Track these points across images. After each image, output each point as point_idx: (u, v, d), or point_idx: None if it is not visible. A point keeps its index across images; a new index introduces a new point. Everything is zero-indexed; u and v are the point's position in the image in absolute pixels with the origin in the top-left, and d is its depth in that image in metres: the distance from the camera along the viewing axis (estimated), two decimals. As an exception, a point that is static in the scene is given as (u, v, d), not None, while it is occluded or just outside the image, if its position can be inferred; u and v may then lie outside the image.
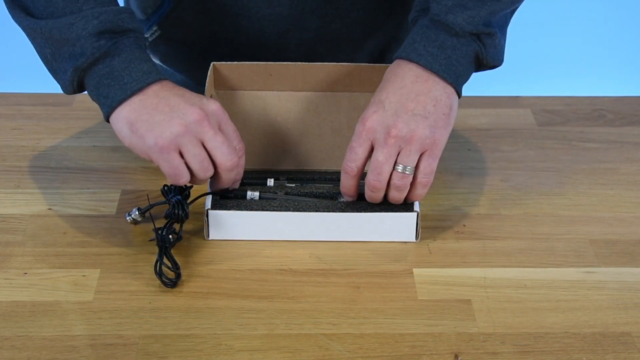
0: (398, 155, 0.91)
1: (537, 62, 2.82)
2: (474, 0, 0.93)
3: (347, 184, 0.94)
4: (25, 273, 0.91)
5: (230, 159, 0.90)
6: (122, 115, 0.89)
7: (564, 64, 2.80)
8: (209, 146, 0.89)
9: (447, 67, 0.92)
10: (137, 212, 0.96)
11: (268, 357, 0.82)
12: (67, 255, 0.94)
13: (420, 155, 0.91)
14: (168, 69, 1.20)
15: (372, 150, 0.92)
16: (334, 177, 1.01)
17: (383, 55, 1.20)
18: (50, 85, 1.03)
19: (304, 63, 1.00)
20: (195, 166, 0.89)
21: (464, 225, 0.99)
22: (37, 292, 0.89)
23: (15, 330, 0.84)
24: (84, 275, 0.91)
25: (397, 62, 0.94)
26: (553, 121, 1.18)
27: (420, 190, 0.93)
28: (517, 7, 0.98)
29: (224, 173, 0.91)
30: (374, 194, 0.93)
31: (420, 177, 0.92)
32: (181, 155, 0.89)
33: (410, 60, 0.92)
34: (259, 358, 0.82)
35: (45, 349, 0.82)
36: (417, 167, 0.91)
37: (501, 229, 0.99)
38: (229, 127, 0.91)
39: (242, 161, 0.94)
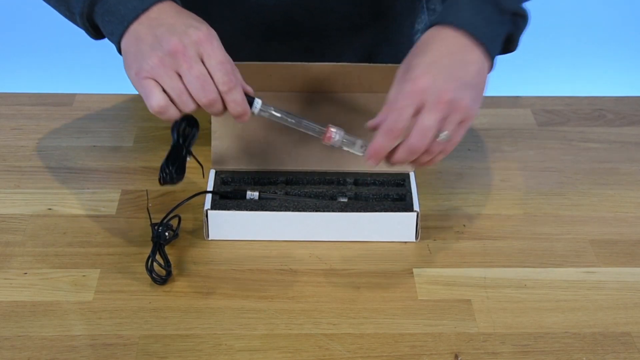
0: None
1: (537, 62, 2.82)
2: None
3: (386, 146, 0.86)
4: (25, 273, 0.91)
5: (205, 95, 0.84)
6: (121, 48, 0.88)
7: (564, 64, 2.80)
8: (184, 80, 0.84)
9: (492, 41, 0.89)
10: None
11: (268, 357, 0.82)
12: (67, 255, 0.94)
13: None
14: None
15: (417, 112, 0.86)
16: (334, 177, 1.01)
17: (372, 57, 1.19)
18: (50, 86, 1.03)
19: (304, 63, 1.00)
20: (174, 99, 0.85)
21: (464, 225, 0.99)
22: (37, 292, 0.89)
23: (15, 330, 0.84)
24: (84, 275, 0.91)
25: (439, 28, 0.89)
26: (553, 121, 1.18)
27: (441, 157, 0.89)
28: None
29: (205, 108, 0.86)
30: (408, 157, 0.87)
31: (449, 146, 0.88)
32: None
33: (458, 27, 0.88)
34: (259, 358, 0.82)
35: (45, 349, 0.82)
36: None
37: (501, 229, 0.99)
38: (213, 58, 0.85)
39: (232, 95, 0.86)
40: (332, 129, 0.89)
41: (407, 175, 1.01)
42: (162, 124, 1.15)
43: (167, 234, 0.93)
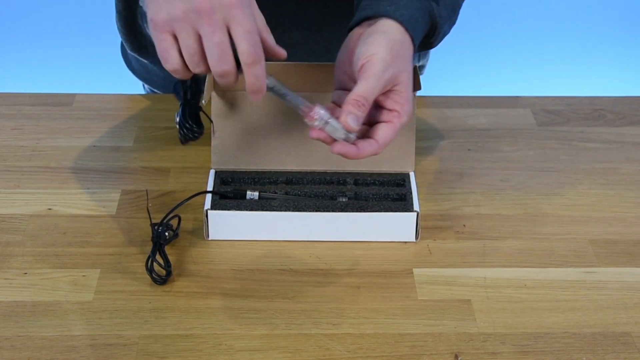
0: None
1: (537, 62, 2.82)
2: None
3: (360, 114, 0.85)
4: (25, 273, 0.91)
5: (220, 65, 0.81)
6: None
7: (564, 64, 2.81)
8: (203, 43, 0.81)
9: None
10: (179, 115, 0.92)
11: (268, 357, 0.82)
12: (67, 255, 0.94)
13: None
14: None
15: None
16: (334, 177, 1.01)
17: None
18: (50, 86, 1.04)
19: (304, 63, 1.00)
20: (185, 57, 0.82)
21: (464, 225, 0.99)
22: (37, 292, 0.89)
23: (15, 330, 0.84)
24: (84, 275, 0.91)
25: (401, 29, 0.89)
26: (553, 121, 1.18)
27: None
28: None
29: (215, 76, 0.83)
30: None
31: None
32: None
33: (409, 33, 0.90)
34: (259, 358, 0.82)
35: (45, 349, 0.82)
36: None
37: (501, 229, 0.99)
38: (241, 26, 0.81)
39: (254, 69, 0.82)
40: (318, 109, 0.86)
41: (407, 175, 1.01)
42: (162, 124, 1.15)
43: (167, 234, 0.93)
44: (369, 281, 0.91)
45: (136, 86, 1.41)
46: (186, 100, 0.90)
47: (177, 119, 0.87)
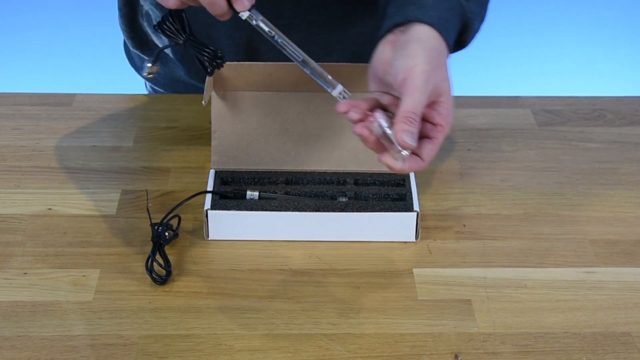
0: None
1: (537, 62, 2.82)
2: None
3: (414, 131, 0.83)
4: (25, 273, 0.91)
5: None
6: None
7: (564, 64, 2.81)
8: None
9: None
10: (149, 64, 0.92)
11: (268, 357, 0.82)
12: (67, 255, 0.94)
13: None
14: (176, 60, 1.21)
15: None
16: (334, 177, 1.01)
17: (363, 54, 1.19)
18: (50, 86, 1.04)
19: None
20: None
21: (464, 225, 0.99)
22: (37, 292, 0.89)
23: (15, 330, 0.84)
24: (84, 275, 0.91)
25: (438, 36, 0.87)
26: (553, 121, 1.18)
27: None
28: None
29: (204, 5, 0.83)
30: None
31: None
32: None
33: (444, 38, 0.88)
34: (259, 358, 0.82)
35: (45, 349, 0.82)
36: None
37: (501, 229, 0.99)
38: None
39: None
40: (379, 116, 0.84)
41: (407, 175, 1.01)
42: (162, 124, 1.15)
43: (167, 234, 0.93)
44: (369, 281, 0.91)
45: (137, 86, 1.41)
46: (186, 40, 0.89)
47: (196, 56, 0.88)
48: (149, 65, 0.92)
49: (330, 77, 0.86)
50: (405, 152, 0.83)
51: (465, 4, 0.91)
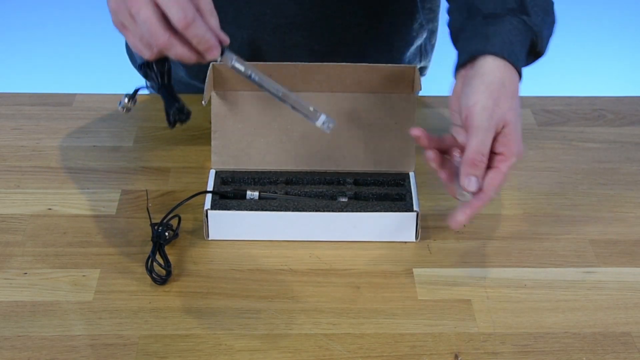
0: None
1: (537, 62, 2.82)
2: (550, 22, 0.95)
3: (479, 174, 0.85)
4: (25, 273, 0.91)
5: (155, 39, 0.81)
6: None
7: (564, 64, 2.81)
8: (136, 24, 0.82)
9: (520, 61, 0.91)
10: (125, 100, 0.92)
11: (268, 357, 0.82)
12: (67, 255, 0.94)
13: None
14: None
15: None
16: (334, 177, 1.01)
17: (365, 55, 1.19)
18: (50, 86, 1.04)
19: (304, 63, 1.00)
20: (137, 44, 0.84)
21: (464, 225, 0.99)
22: (37, 292, 0.89)
23: (15, 330, 0.84)
24: (84, 275, 0.91)
25: (506, 65, 0.88)
26: (553, 121, 1.18)
27: None
28: None
29: (163, 51, 0.83)
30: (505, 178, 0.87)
31: None
32: None
33: (514, 66, 0.89)
34: (259, 358, 0.82)
35: (45, 349, 0.82)
36: None
37: (501, 229, 0.99)
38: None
39: (191, 31, 0.81)
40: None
41: (407, 175, 1.01)
42: (162, 124, 1.15)
43: (167, 234, 0.93)
44: (369, 281, 0.91)
45: (137, 85, 1.40)
46: (161, 87, 0.89)
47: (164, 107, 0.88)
48: (126, 100, 0.92)
49: (312, 109, 0.87)
50: (468, 195, 0.85)
51: (529, 19, 0.91)
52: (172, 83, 0.90)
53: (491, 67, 0.87)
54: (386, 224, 0.95)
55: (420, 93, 1.02)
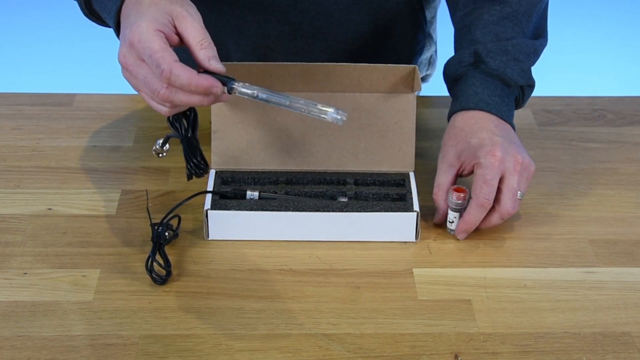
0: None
1: (537, 62, 2.82)
2: (524, 54, 1.03)
3: (479, 217, 0.95)
4: (25, 273, 0.91)
5: (157, 92, 0.82)
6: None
7: (564, 64, 2.80)
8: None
9: (509, 114, 1.01)
10: (159, 143, 0.93)
11: (268, 357, 0.82)
12: (67, 255, 0.94)
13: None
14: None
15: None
16: (334, 177, 1.01)
17: (366, 59, 1.19)
18: (51, 86, 1.04)
19: (304, 63, 1.00)
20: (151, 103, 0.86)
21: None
22: (37, 292, 0.89)
23: (15, 330, 0.84)
24: (84, 275, 0.91)
25: (471, 113, 0.99)
26: (553, 121, 1.18)
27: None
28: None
29: (172, 103, 0.84)
30: (500, 221, 0.96)
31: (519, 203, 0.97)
32: None
33: (483, 110, 0.99)
34: (259, 358, 0.82)
35: (45, 349, 0.82)
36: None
37: (501, 229, 0.99)
38: (145, 55, 0.82)
39: (174, 80, 0.81)
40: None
41: (407, 175, 1.01)
42: (162, 124, 1.15)
43: (167, 234, 0.93)
44: (369, 281, 0.91)
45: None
46: (184, 139, 0.92)
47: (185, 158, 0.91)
48: (159, 145, 0.94)
49: (320, 106, 0.87)
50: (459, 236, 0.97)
51: (486, 67, 1.02)
52: (196, 135, 0.92)
53: (457, 119, 1.00)
54: (386, 224, 0.95)
55: (419, 93, 1.02)
